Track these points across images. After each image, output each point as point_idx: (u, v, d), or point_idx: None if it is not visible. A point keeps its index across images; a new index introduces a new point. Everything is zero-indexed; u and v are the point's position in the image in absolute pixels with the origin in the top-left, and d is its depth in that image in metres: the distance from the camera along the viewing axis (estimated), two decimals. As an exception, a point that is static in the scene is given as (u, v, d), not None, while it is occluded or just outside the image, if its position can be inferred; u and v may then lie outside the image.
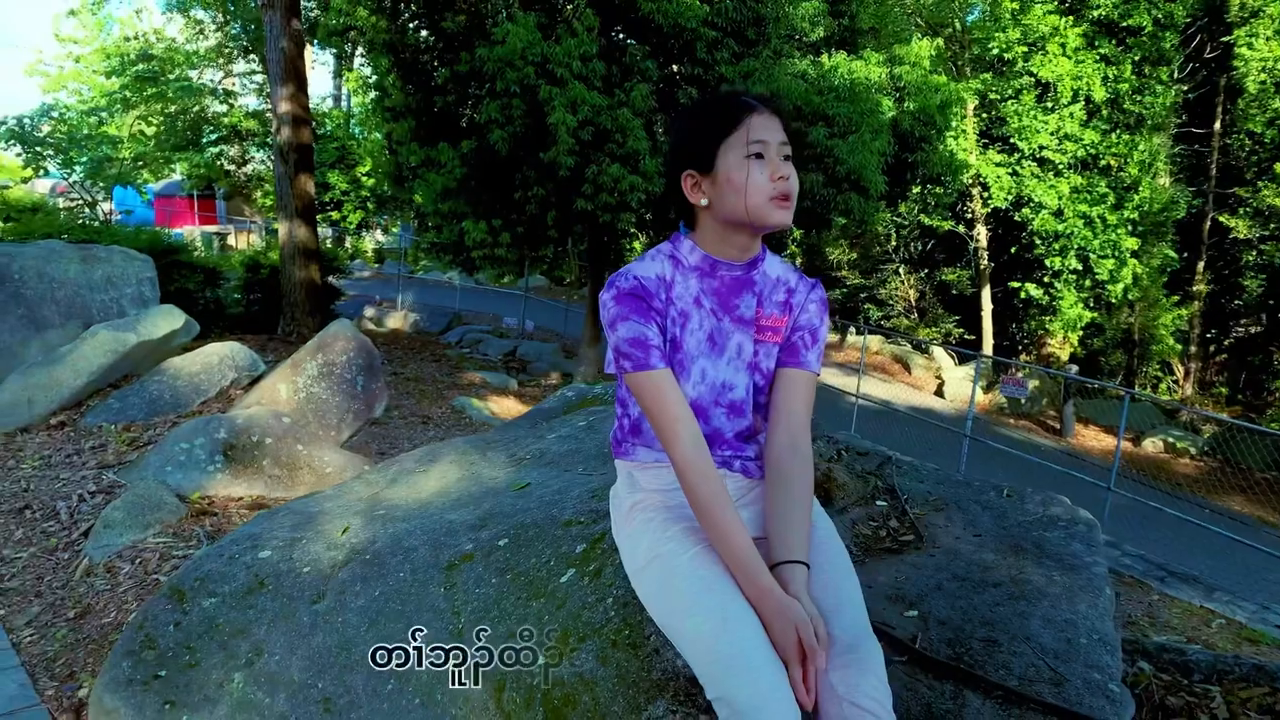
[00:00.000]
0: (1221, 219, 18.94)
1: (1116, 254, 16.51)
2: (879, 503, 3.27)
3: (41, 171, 19.10)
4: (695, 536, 1.62)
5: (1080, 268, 16.80)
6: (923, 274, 21.50)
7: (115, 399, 5.49)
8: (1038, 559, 2.66)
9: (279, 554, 2.65)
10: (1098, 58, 16.43)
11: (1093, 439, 16.13)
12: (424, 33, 11.35)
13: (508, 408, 10.17)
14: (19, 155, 18.52)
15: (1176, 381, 20.19)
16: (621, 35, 10.83)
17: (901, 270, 21.60)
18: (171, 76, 21.99)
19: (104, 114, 23.01)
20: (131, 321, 5.82)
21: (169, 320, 5.98)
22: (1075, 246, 16.64)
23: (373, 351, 5.39)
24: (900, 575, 2.63)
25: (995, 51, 17.40)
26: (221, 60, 23.45)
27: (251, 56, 22.33)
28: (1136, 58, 16.46)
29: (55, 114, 22.23)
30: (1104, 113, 16.72)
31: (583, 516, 2.27)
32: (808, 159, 10.61)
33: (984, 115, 18.07)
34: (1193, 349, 20.03)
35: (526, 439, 3.38)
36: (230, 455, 4.31)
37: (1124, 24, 16.31)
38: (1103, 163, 16.79)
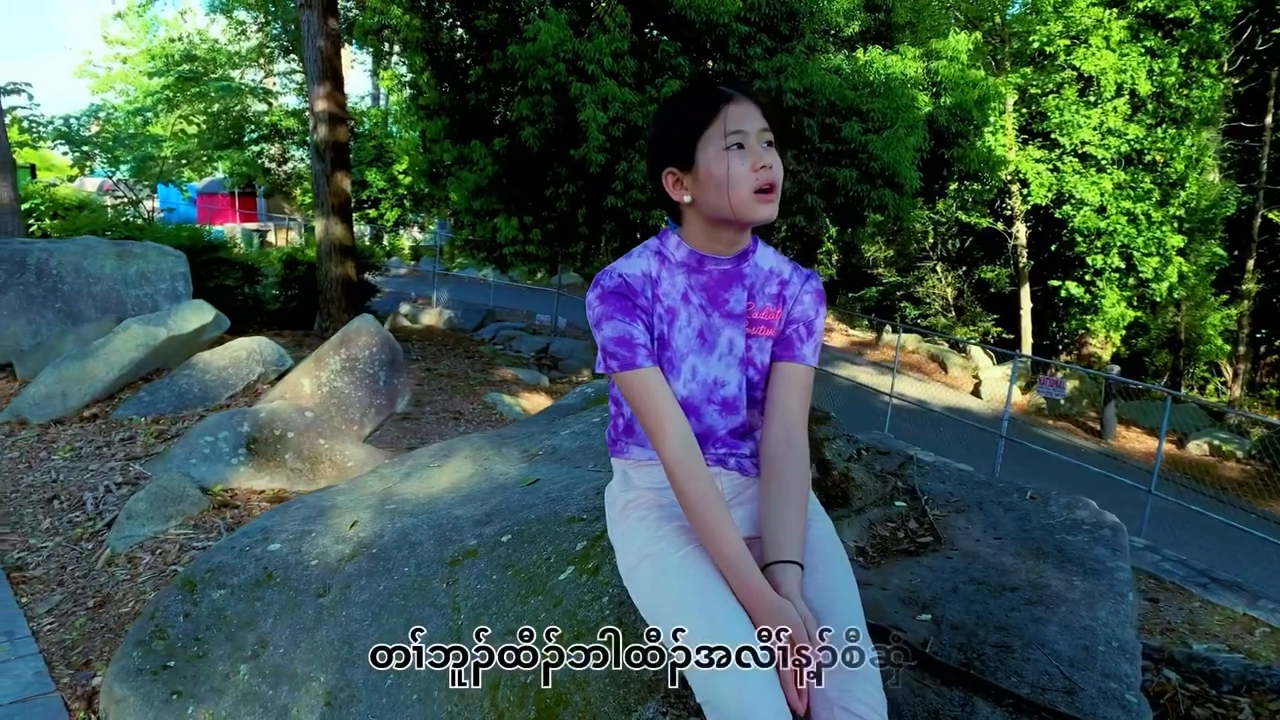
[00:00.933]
0: (1272, 216, 18.41)
1: (1161, 252, 16.15)
2: (898, 503, 3.21)
3: (88, 170, 19.53)
4: (687, 536, 1.59)
5: (1123, 266, 16.45)
6: (960, 272, 21.19)
7: (146, 392, 5.57)
8: (1059, 563, 2.59)
9: (288, 547, 2.65)
10: (1143, 50, 16.06)
11: (1135, 441, 15.77)
12: (459, 31, 11.41)
13: (538, 404, 10.18)
14: (65, 154, 18.96)
15: (1224, 383, 19.66)
16: (654, 31, 10.80)
17: (939, 268, 21.31)
18: (214, 76, 22.37)
19: (149, 114, 23.47)
20: (162, 316, 5.91)
21: (199, 315, 6.06)
22: (1118, 244, 16.30)
23: (395, 346, 5.41)
24: (915, 578, 2.58)
25: (1036, 45, 17.09)
26: (262, 60, 23.80)
27: (291, 56, 22.61)
28: (1184, 50, 16.06)
29: (103, 114, 22.73)
30: (1149, 107, 16.35)
31: (585, 513, 2.24)
32: (840, 154, 10.51)
33: (1024, 110, 17.74)
34: (1242, 349, 19.48)
35: (541, 435, 3.36)
36: (253, 449, 4.34)
37: (1170, 16, 15.94)
38: (1148, 158, 16.42)
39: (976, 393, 17.30)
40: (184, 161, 22.89)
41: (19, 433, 5.18)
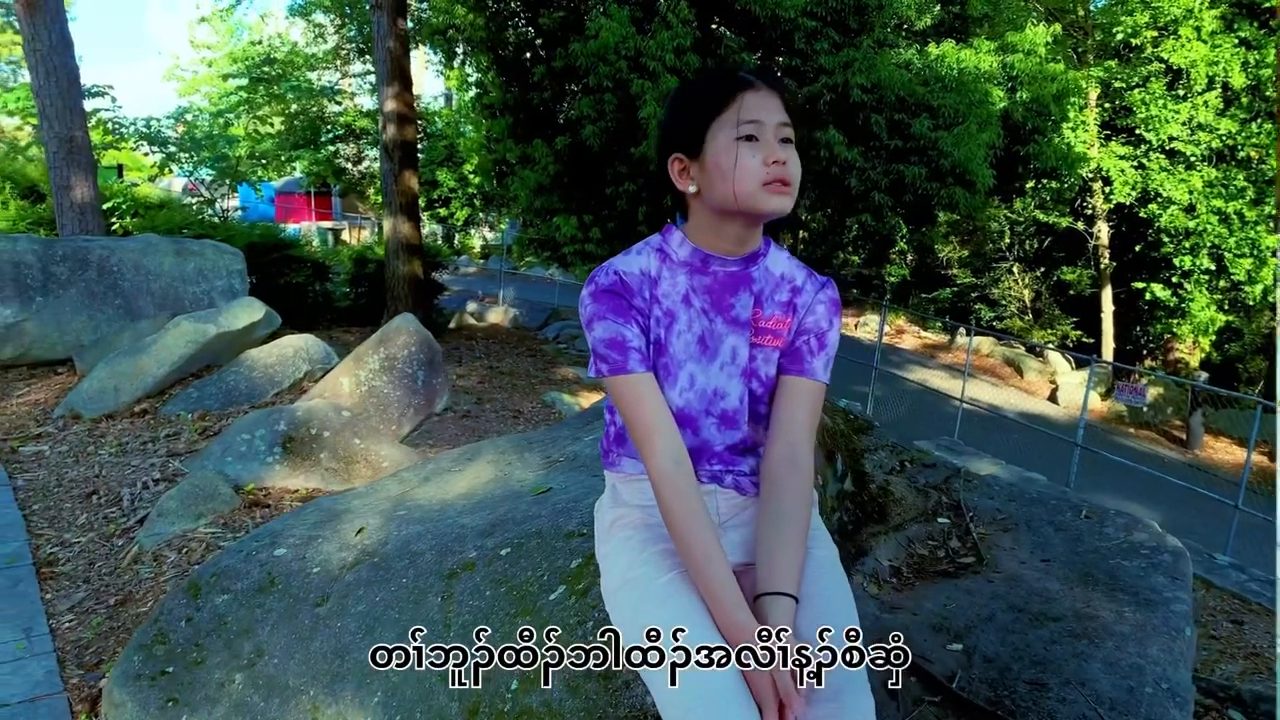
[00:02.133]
0: (1379, 215, 17.32)
1: (1255, 253, 15.29)
2: (940, 520, 3.00)
3: (170, 170, 20.21)
4: (672, 560, 1.45)
5: (1213, 267, 15.64)
6: (1038, 273, 20.44)
7: (195, 388, 5.63)
8: (1110, 591, 2.36)
9: (293, 552, 2.58)
10: (1236, 41, 15.23)
11: (1223, 452, 14.98)
12: (524, 29, 11.42)
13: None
14: (146, 154, 19.64)
15: (1324, 391, 18.58)
16: (718, 27, 10.64)
17: (1015, 269, 20.60)
18: (293, 78, 22.92)
19: (230, 115, 24.20)
20: (213, 313, 5.97)
21: (249, 312, 6.11)
22: (1208, 245, 15.50)
23: (434, 346, 5.34)
24: (951, 602, 2.39)
25: (1121, 37, 16.36)
26: (339, 62, 24.30)
27: (366, 57, 23.03)
28: (1281, 40, 15.19)
29: (189, 116, 23.51)
30: (1243, 100, 15.51)
31: (586, 527, 2.12)
32: (909, 151, 10.19)
33: (1107, 105, 17.00)
34: (1344, 356, 18.38)
35: (565, 440, 3.25)
36: (288, 447, 4.32)
37: (1267, 4, 15.08)
38: (1241, 154, 15.57)
39: (1053, 399, 16.68)
40: (263, 161, 23.50)
41: (71, 427, 5.28)
